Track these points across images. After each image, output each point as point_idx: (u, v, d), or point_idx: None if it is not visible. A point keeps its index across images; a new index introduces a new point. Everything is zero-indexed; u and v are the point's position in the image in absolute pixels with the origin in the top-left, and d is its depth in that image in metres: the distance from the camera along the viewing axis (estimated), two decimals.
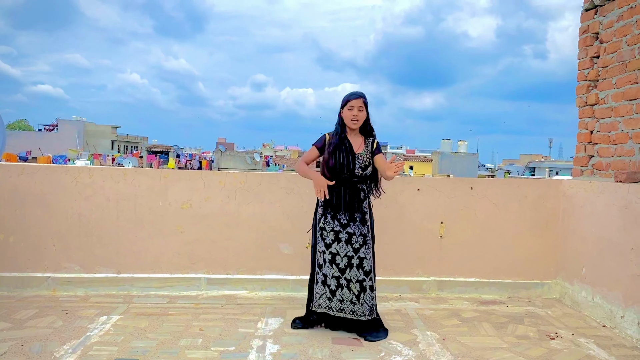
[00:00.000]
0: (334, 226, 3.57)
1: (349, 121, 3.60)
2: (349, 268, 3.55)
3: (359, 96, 3.60)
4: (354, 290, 3.54)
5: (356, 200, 3.56)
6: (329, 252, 3.57)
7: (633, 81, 4.12)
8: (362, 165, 3.60)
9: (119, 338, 3.39)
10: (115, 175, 4.44)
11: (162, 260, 4.48)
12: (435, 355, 3.28)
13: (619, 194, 3.89)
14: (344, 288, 3.55)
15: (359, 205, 3.58)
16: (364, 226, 3.60)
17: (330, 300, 3.58)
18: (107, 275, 4.42)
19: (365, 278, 3.55)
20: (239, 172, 4.61)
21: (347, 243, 3.55)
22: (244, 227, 4.53)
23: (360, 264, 3.55)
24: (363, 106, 3.59)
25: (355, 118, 3.58)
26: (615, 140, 4.34)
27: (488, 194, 4.67)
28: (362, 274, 3.55)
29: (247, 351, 3.25)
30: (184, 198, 4.48)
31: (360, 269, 3.55)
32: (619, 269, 3.85)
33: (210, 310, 4.03)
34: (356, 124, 3.60)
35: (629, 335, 3.69)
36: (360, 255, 3.56)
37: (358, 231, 3.57)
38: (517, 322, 3.98)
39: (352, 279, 3.54)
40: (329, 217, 3.58)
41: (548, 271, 4.72)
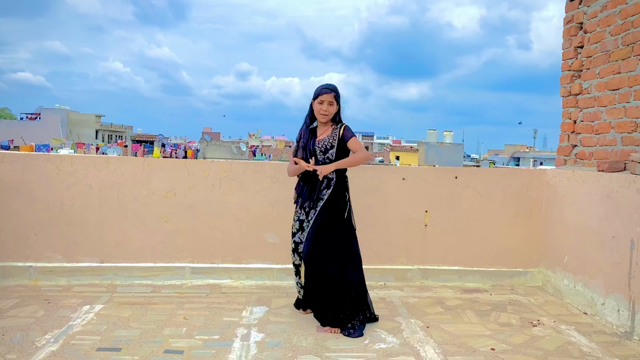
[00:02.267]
0: (300, 215, 3.68)
1: (319, 114, 3.63)
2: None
3: (330, 90, 3.61)
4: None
5: (316, 190, 3.57)
6: (293, 241, 3.71)
7: (616, 71, 4.15)
8: (323, 148, 3.59)
9: (102, 327, 3.37)
10: (97, 163, 4.39)
11: (146, 249, 4.44)
12: (419, 343, 3.30)
13: (601, 183, 3.93)
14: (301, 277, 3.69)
15: (319, 193, 3.58)
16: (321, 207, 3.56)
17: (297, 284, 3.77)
18: (90, 264, 4.38)
19: (300, 262, 3.66)
20: (224, 161, 4.58)
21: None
22: (228, 216, 4.50)
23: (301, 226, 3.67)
24: (333, 100, 3.61)
25: (324, 112, 3.61)
26: (598, 129, 4.38)
27: (472, 183, 4.70)
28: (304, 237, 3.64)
29: (231, 340, 3.25)
30: (168, 187, 4.44)
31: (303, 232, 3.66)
32: (600, 257, 3.90)
33: (194, 299, 4.01)
34: (325, 117, 3.63)
35: (609, 322, 3.75)
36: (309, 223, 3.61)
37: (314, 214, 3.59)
38: (500, 309, 4.02)
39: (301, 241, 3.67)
40: (298, 206, 3.70)
41: (531, 260, 4.77)
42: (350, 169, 3.69)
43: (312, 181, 3.58)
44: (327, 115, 3.61)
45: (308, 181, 3.60)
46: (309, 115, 3.71)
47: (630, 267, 3.57)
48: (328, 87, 3.62)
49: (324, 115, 3.61)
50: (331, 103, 3.60)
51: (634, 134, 3.96)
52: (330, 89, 3.61)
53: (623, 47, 4.08)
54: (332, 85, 3.65)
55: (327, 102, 3.59)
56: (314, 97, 3.63)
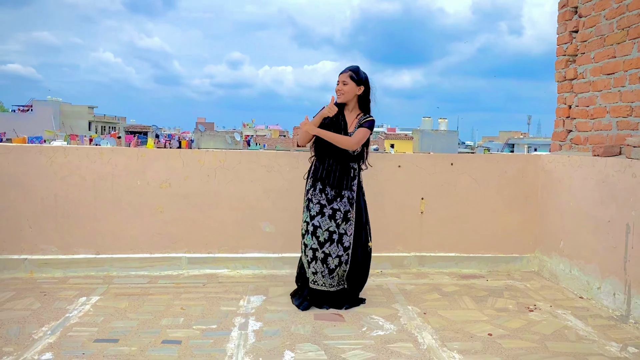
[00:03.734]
0: (320, 199, 3.62)
1: (335, 92, 3.66)
2: (329, 242, 3.61)
3: (346, 70, 3.66)
4: (330, 265, 3.61)
5: (346, 177, 3.61)
6: (312, 224, 3.63)
7: (611, 55, 4.14)
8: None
9: (99, 319, 3.36)
10: (91, 154, 4.35)
11: (141, 240, 4.43)
12: (416, 329, 3.32)
13: (596, 167, 3.93)
14: (317, 261, 3.61)
15: (348, 183, 3.62)
16: (349, 204, 3.63)
17: (307, 268, 3.67)
18: (85, 256, 4.37)
19: (343, 254, 3.62)
20: (219, 151, 4.56)
21: (330, 218, 3.60)
22: (224, 206, 4.49)
23: (340, 239, 3.61)
24: (348, 80, 3.61)
25: (339, 91, 3.64)
26: (593, 114, 4.37)
27: (468, 169, 4.70)
28: (342, 249, 3.62)
29: (229, 329, 3.25)
30: (163, 177, 4.42)
31: (339, 244, 3.61)
32: (595, 241, 3.91)
33: (191, 289, 4.01)
34: (341, 97, 3.65)
35: (605, 305, 3.77)
36: (340, 231, 3.61)
37: (343, 208, 3.61)
38: (496, 295, 4.03)
39: (332, 253, 3.61)
40: (317, 190, 3.63)
41: (527, 245, 4.78)
42: None
43: (340, 168, 3.60)
44: (342, 94, 3.64)
45: (334, 167, 3.60)
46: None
47: (625, 251, 3.58)
48: (347, 68, 3.68)
49: (340, 95, 3.64)
50: (345, 82, 3.62)
51: (629, 118, 3.96)
52: (347, 69, 3.67)
53: (618, 31, 4.06)
54: (352, 67, 3.68)
55: (341, 81, 3.63)
56: None
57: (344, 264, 3.64)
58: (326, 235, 3.60)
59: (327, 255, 3.60)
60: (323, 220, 3.61)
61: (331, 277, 3.63)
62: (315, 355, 2.93)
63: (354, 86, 3.64)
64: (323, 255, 3.60)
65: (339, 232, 3.61)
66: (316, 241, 3.62)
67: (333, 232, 3.60)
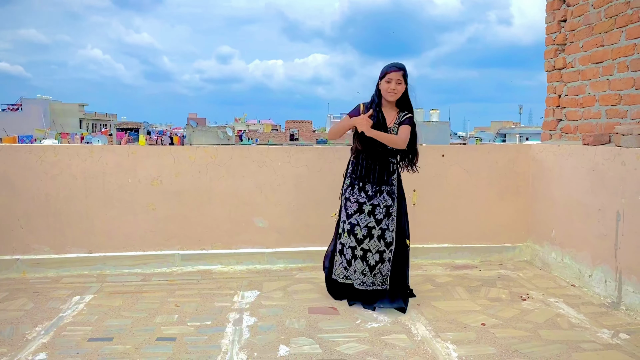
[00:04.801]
0: (359, 197, 3.56)
1: (386, 93, 3.53)
2: (368, 238, 3.54)
3: (398, 68, 3.52)
4: (370, 261, 3.53)
5: (385, 173, 3.56)
6: (349, 223, 3.57)
7: (599, 44, 4.16)
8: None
9: (93, 318, 3.35)
10: (81, 153, 4.33)
11: (134, 238, 4.42)
12: (410, 321, 3.33)
13: (586, 156, 3.95)
14: (357, 259, 3.55)
15: (388, 177, 3.57)
16: (390, 198, 3.57)
17: (346, 269, 3.60)
18: (78, 255, 4.35)
19: (385, 249, 3.54)
20: (210, 147, 4.55)
21: (369, 214, 3.54)
22: (216, 202, 4.48)
23: (382, 234, 3.54)
24: (402, 79, 3.52)
25: (392, 91, 3.52)
26: (582, 103, 4.39)
27: (459, 160, 4.71)
28: (383, 245, 3.54)
29: (223, 325, 3.25)
30: (154, 174, 4.40)
31: (381, 240, 3.54)
32: (586, 229, 3.94)
33: (185, 286, 4.01)
34: (393, 96, 3.54)
35: (597, 293, 3.80)
36: (382, 226, 3.54)
37: (383, 203, 3.55)
38: (489, 285, 4.06)
39: (372, 249, 3.54)
40: (356, 189, 3.57)
41: (519, 234, 4.81)
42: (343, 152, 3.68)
43: (380, 164, 3.55)
44: (395, 93, 3.52)
45: (374, 164, 3.55)
46: (376, 94, 3.60)
47: (616, 238, 3.61)
48: (396, 65, 3.53)
49: (392, 94, 3.52)
50: (399, 82, 3.51)
51: (618, 106, 3.99)
52: (399, 67, 3.53)
53: (606, 20, 4.08)
54: (400, 64, 3.56)
55: (395, 80, 3.51)
56: (381, 77, 3.55)
57: (387, 262, 3.54)
58: (365, 232, 3.54)
59: (366, 252, 3.53)
60: (362, 218, 3.54)
61: (373, 276, 3.54)
62: (310, 349, 2.94)
63: (404, 85, 3.55)
64: (362, 252, 3.54)
65: (380, 227, 3.53)
66: (354, 239, 3.56)
67: (372, 228, 3.53)
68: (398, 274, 3.62)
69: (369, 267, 3.54)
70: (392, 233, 3.56)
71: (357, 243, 3.56)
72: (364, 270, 3.54)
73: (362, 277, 3.55)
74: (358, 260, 3.55)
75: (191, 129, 35.75)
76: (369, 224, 3.54)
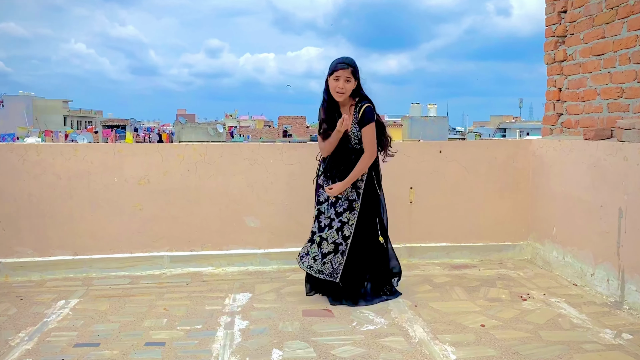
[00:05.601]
0: (326, 184, 3.67)
1: (334, 92, 3.56)
2: (327, 228, 3.65)
3: (346, 65, 3.52)
4: (323, 249, 3.63)
5: (348, 170, 3.59)
6: (317, 209, 3.71)
7: (600, 36, 4.17)
8: (355, 140, 3.63)
9: (79, 322, 3.35)
10: (65, 151, 4.31)
11: (121, 239, 4.41)
12: (407, 323, 3.34)
13: (588, 151, 3.97)
14: (314, 243, 3.67)
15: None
16: (355, 193, 3.63)
17: (307, 255, 3.71)
18: (63, 257, 4.34)
19: (342, 242, 3.62)
20: (199, 144, 4.54)
21: (331, 206, 3.64)
22: (206, 202, 4.48)
23: (341, 227, 3.62)
24: (351, 76, 3.52)
25: (340, 90, 3.53)
26: (583, 97, 4.41)
27: (457, 157, 4.72)
28: (340, 237, 3.62)
29: (214, 329, 3.25)
30: (141, 173, 4.39)
31: (339, 232, 3.62)
32: (588, 227, 3.96)
33: (174, 289, 4.00)
34: (341, 96, 3.56)
35: (599, 292, 3.82)
36: (342, 219, 3.62)
37: (345, 196, 3.62)
38: (489, 285, 4.07)
39: (329, 238, 3.63)
40: (327, 179, 3.69)
41: (519, 233, 4.83)
42: None
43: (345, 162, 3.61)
44: (343, 93, 3.54)
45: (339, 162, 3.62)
46: (326, 91, 3.62)
47: (618, 236, 3.63)
48: (344, 62, 3.53)
49: (340, 94, 3.55)
50: (348, 79, 3.52)
51: (620, 100, 4.00)
52: (347, 63, 3.53)
53: (607, 11, 4.09)
54: (348, 59, 3.57)
55: (344, 78, 3.51)
56: (329, 73, 3.56)
57: (340, 255, 3.62)
58: (326, 222, 3.65)
59: (322, 240, 3.64)
60: (326, 207, 3.67)
61: (323, 264, 3.63)
62: (304, 352, 2.94)
63: (354, 82, 3.56)
64: (319, 239, 3.65)
65: (340, 219, 3.62)
66: (317, 225, 3.68)
67: (332, 220, 3.64)
68: (356, 271, 3.68)
69: (322, 254, 3.64)
70: (351, 227, 3.63)
71: (318, 230, 3.68)
72: (316, 256, 3.65)
73: (312, 262, 3.67)
74: (314, 245, 3.67)
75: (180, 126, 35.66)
76: (331, 215, 3.65)
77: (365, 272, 3.73)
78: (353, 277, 3.68)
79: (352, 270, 3.66)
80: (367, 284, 3.75)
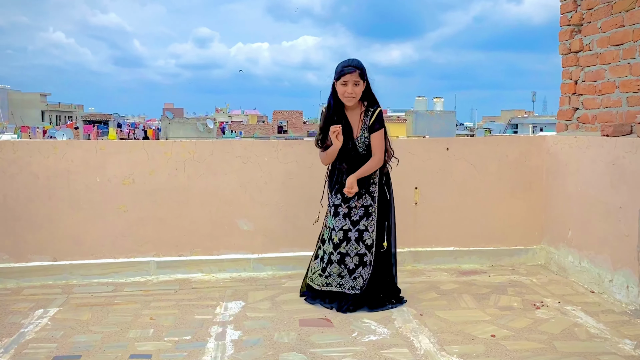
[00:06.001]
0: (335, 200, 3.72)
1: (343, 98, 3.64)
2: (345, 242, 3.68)
3: (354, 68, 3.59)
4: (348, 265, 3.67)
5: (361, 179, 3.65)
6: (327, 227, 3.78)
7: (619, 24, 4.18)
8: (363, 146, 3.70)
9: (58, 333, 3.34)
10: (43, 149, 4.31)
11: (104, 243, 4.41)
12: (412, 333, 3.35)
13: (606, 148, 3.98)
14: (333, 263, 3.69)
15: (362, 183, 3.67)
16: (370, 197, 3.69)
17: (321, 276, 3.74)
18: (41, 263, 4.34)
19: (366, 252, 3.68)
20: (187, 141, 4.55)
21: (345, 217, 3.69)
22: (196, 203, 4.48)
23: (360, 237, 3.68)
24: (359, 80, 3.60)
25: (350, 95, 3.61)
26: (601, 90, 4.42)
27: (465, 154, 4.73)
28: (363, 248, 3.68)
29: (205, 340, 3.25)
30: (125, 172, 4.39)
31: (360, 242, 3.68)
32: (606, 230, 3.97)
33: (161, 297, 4.00)
34: (351, 101, 3.64)
35: (618, 300, 3.83)
36: (359, 227, 3.67)
37: (360, 202, 3.67)
38: (499, 292, 4.08)
39: (350, 252, 3.68)
40: (333, 192, 3.73)
41: (532, 236, 4.84)
42: None
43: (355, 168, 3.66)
44: (353, 97, 3.62)
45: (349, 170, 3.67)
46: (332, 96, 3.70)
47: (639, 239, 3.64)
48: (351, 65, 3.61)
49: (350, 99, 3.62)
50: (357, 83, 3.60)
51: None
52: (354, 66, 3.61)
53: None
54: (355, 62, 3.65)
55: (352, 82, 3.59)
56: (336, 78, 3.63)
57: (369, 265, 3.68)
58: (340, 236, 3.69)
59: (344, 256, 3.68)
60: (337, 221, 3.70)
61: (354, 279, 3.68)
62: None
63: (362, 84, 3.64)
64: (339, 256, 3.68)
65: (357, 228, 3.67)
66: (331, 244, 3.71)
67: (348, 231, 3.67)
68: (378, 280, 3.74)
69: (348, 270, 3.68)
70: (372, 234, 3.69)
71: (333, 248, 3.70)
72: (342, 273, 3.68)
73: (339, 280, 3.70)
74: (334, 264, 3.69)
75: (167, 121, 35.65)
76: (344, 226, 3.68)
77: (384, 280, 3.79)
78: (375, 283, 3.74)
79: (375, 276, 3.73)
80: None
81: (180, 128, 33.94)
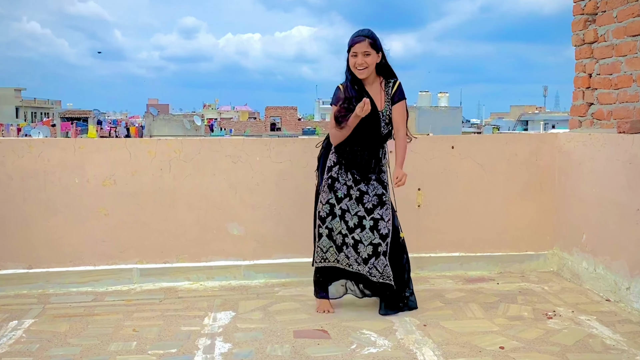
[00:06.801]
0: (347, 180, 3.73)
1: (355, 69, 3.67)
2: (359, 229, 3.72)
3: (363, 37, 3.64)
4: (362, 254, 3.72)
5: (373, 161, 3.74)
6: (339, 208, 3.74)
7: (637, 13, 4.19)
8: (387, 121, 3.76)
9: (34, 346, 3.34)
10: (17, 148, 4.31)
11: (83, 250, 4.40)
12: (415, 345, 3.35)
13: (622, 146, 3.99)
14: (349, 247, 3.74)
15: (377, 165, 3.75)
16: (380, 186, 3.75)
17: (337, 254, 3.78)
18: (15, 271, 4.33)
19: (381, 242, 3.72)
20: (173, 139, 4.55)
21: (357, 202, 3.72)
22: (182, 205, 4.48)
23: (375, 225, 3.71)
24: (369, 49, 3.64)
25: (360, 66, 3.65)
26: (617, 84, 4.43)
27: (472, 153, 4.74)
28: (378, 237, 3.72)
29: (192, 353, 3.25)
30: (106, 173, 4.39)
31: (375, 231, 3.71)
32: (623, 233, 3.98)
33: (145, 307, 4.00)
34: (363, 72, 3.67)
35: (636, 308, 3.84)
36: (374, 216, 3.71)
37: (372, 191, 3.72)
38: (509, 301, 4.09)
39: (363, 241, 3.72)
40: (343, 169, 3.73)
41: (543, 240, 4.85)
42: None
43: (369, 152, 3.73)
44: (365, 68, 3.65)
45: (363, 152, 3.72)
46: (348, 70, 3.74)
47: None
48: (360, 36, 3.65)
49: (361, 70, 3.65)
50: (367, 53, 3.64)
51: None
52: (364, 35, 3.65)
53: None
54: (365, 31, 3.69)
55: (362, 53, 3.63)
56: (348, 50, 3.69)
57: (383, 256, 3.72)
58: (356, 221, 3.72)
59: (357, 243, 3.72)
60: (351, 204, 3.73)
61: (369, 269, 3.73)
62: None
63: (375, 55, 3.68)
64: (353, 241, 3.72)
65: (372, 217, 3.71)
66: (345, 226, 3.74)
67: (363, 218, 3.72)
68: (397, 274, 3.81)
69: (363, 259, 3.72)
70: (388, 224, 3.73)
71: (348, 231, 3.74)
72: (358, 260, 3.73)
73: (357, 265, 3.75)
74: (350, 248, 3.74)
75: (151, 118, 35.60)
76: (359, 212, 3.73)
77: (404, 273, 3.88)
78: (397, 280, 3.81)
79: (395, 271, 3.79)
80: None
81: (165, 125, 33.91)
